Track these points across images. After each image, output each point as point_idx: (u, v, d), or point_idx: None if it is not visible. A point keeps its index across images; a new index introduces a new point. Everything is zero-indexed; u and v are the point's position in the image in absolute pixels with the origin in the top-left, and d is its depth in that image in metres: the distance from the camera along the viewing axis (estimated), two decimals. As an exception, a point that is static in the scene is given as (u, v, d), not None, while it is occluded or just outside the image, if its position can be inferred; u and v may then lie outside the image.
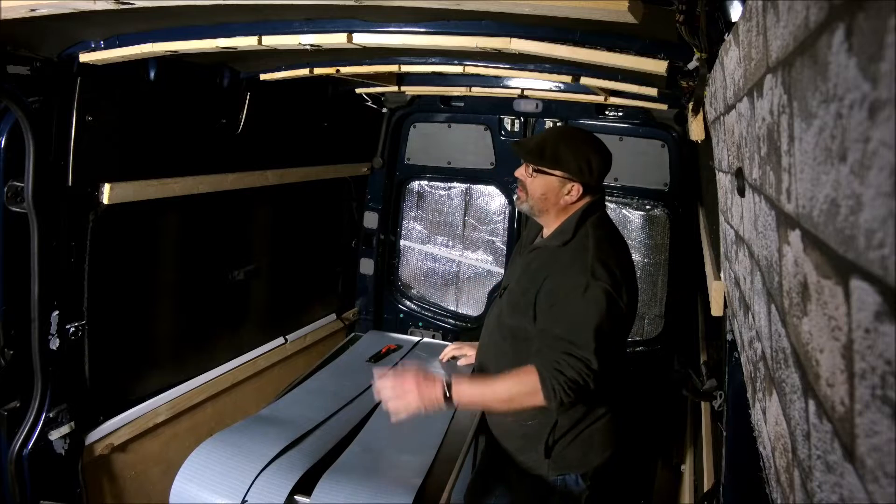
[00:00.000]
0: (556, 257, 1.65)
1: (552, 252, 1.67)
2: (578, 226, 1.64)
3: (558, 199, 1.67)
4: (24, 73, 1.57)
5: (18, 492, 1.73)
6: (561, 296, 1.56)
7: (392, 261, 3.45)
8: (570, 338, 1.52)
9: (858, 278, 0.33)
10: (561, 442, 1.70)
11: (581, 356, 1.50)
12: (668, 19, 1.08)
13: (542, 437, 1.69)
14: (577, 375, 1.49)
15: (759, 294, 0.76)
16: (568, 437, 1.70)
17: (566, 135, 1.72)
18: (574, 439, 1.70)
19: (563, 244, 1.64)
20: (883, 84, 0.29)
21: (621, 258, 1.67)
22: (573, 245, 1.63)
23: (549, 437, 1.68)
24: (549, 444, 1.69)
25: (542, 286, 1.61)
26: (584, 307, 1.53)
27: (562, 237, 1.66)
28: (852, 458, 0.36)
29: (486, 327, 1.90)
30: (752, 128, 0.73)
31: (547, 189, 1.66)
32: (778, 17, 0.53)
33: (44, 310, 1.73)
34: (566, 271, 1.59)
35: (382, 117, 3.23)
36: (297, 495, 1.56)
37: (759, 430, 0.82)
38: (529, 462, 1.75)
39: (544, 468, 1.72)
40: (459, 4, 1.15)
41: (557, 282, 1.58)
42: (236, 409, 2.46)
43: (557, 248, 1.65)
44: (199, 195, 2.16)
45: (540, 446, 1.69)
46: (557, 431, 1.69)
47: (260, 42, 1.55)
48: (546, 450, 1.69)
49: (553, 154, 1.64)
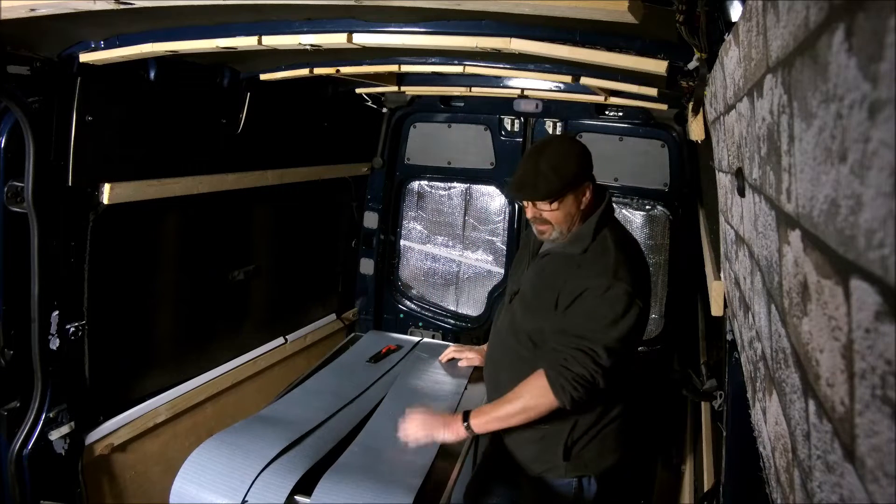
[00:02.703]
0: (576, 261, 1.65)
1: (570, 257, 1.66)
2: (597, 230, 1.65)
3: (578, 209, 1.67)
4: (24, 73, 1.57)
5: (18, 492, 1.73)
6: (580, 296, 1.57)
7: (392, 261, 3.45)
8: (584, 333, 1.53)
9: (858, 278, 0.33)
10: (579, 442, 1.69)
11: (588, 349, 1.50)
12: (668, 19, 1.08)
13: (560, 439, 1.68)
14: (584, 370, 1.50)
15: (759, 294, 0.76)
16: (586, 437, 1.69)
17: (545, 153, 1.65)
18: (592, 440, 1.70)
19: (583, 250, 1.64)
20: (883, 84, 0.29)
21: (640, 261, 1.69)
22: (593, 249, 1.64)
23: (569, 438, 1.68)
24: (569, 445, 1.68)
25: (563, 289, 1.61)
26: (601, 305, 1.54)
27: (580, 242, 1.66)
28: (852, 458, 0.36)
29: (496, 335, 1.88)
30: (752, 128, 0.73)
31: (568, 209, 1.65)
32: (778, 17, 0.53)
33: (44, 310, 1.73)
34: (587, 273, 1.59)
35: (382, 117, 3.23)
36: (297, 495, 1.56)
37: (759, 430, 0.82)
38: (544, 467, 1.73)
39: (561, 471, 1.71)
40: (459, 4, 1.15)
41: (578, 283, 1.59)
42: (236, 409, 2.45)
43: (579, 254, 1.65)
44: (200, 195, 2.16)
45: (559, 448, 1.68)
46: (576, 432, 1.68)
47: (260, 42, 1.55)
48: (565, 451, 1.68)
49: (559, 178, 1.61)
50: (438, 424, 1.67)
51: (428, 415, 1.72)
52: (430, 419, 1.69)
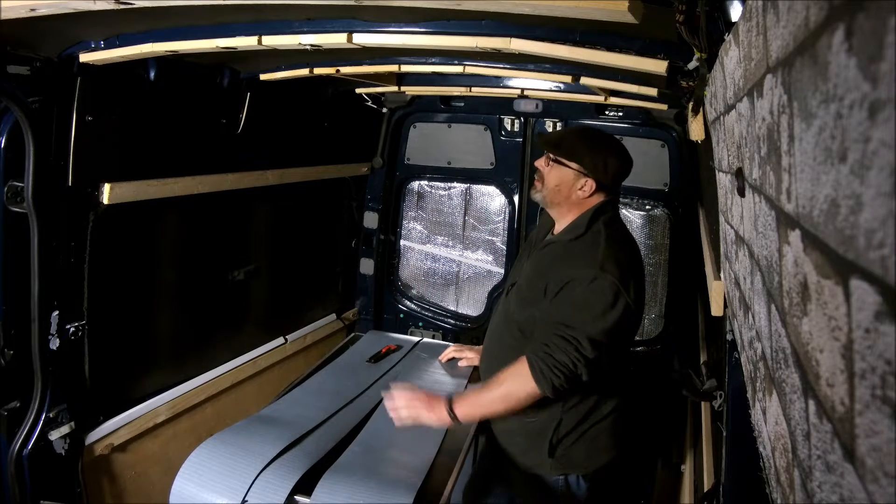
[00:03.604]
0: (567, 250, 1.66)
1: (564, 245, 1.68)
2: (591, 222, 1.66)
3: (571, 192, 1.70)
4: (24, 73, 1.57)
5: (18, 492, 1.73)
6: (567, 285, 1.57)
7: (392, 261, 3.45)
8: (567, 321, 1.52)
9: (858, 278, 0.33)
10: (565, 441, 1.69)
11: (571, 337, 1.50)
12: (668, 19, 1.08)
13: (545, 436, 1.68)
14: (566, 358, 1.49)
15: (759, 294, 0.76)
16: (572, 436, 1.69)
17: (587, 133, 1.78)
18: (578, 439, 1.70)
19: (576, 238, 1.66)
20: (883, 84, 0.29)
21: (632, 256, 1.68)
22: (585, 239, 1.65)
23: (553, 436, 1.68)
24: (553, 443, 1.69)
25: (551, 277, 1.62)
26: (586, 296, 1.54)
27: (574, 232, 1.67)
28: (852, 458, 0.36)
29: (492, 327, 1.89)
30: (752, 128, 0.73)
31: (561, 181, 1.70)
32: (778, 17, 0.53)
33: (44, 310, 1.73)
34: (575, 263, 1.60)
35: (382, 117, 3.23)
36: (297, 495, 1.56)
37: (759, 430, 0.82)
38: (531, 462, 1.74)
39: (546, 467, 1.71)
40: (459, 4, 1.15)
41: (566, 272, 1.59)
42: (236, 409, 2.45)
43: (569, 242, 1.67)
44: (199, 195, 2.16)
45: (543, 445, 1.69)
46: (562, 430, 1.68)
47: (260, 42, 1.55)
48: (550, 449, 1.69)
49: (570, 147, 1.69)
50: (423, 406, 1.64)
51: (413, 394, 1.68)
52: (415, 400, 1.66)
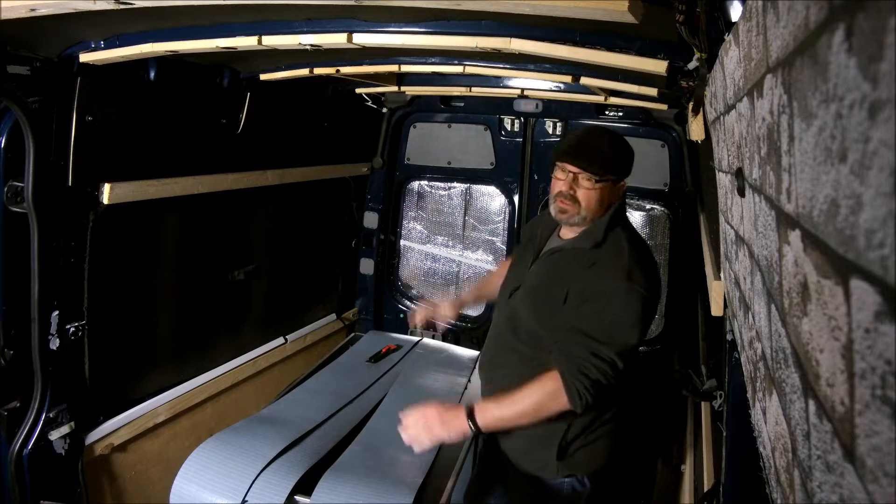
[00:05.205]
0: (588, 259, 1.61)
1: (582, 253, 1.63)
2: (609, 228, 1.62)
3: (610, 202, 1.64)
4: (24, 73, 1.57)
5: (18, 492, 1.73)
6: (595, 296, 1.54)
7: (392, 261, 3.45)
8: (601, 338, 1.50)
9: (858, 278, 0.33)
10: (575, 443, 1.67)
11: (608, 357, 1.48)
12: (668, 19, 1.08)
13: (555, 439, 1.66)
14: (601, 376, 1.48)
15: (759, 294, 0.76)
16: (581, 438, 1.68)
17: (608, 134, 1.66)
18: (587, 440, 1.68)
19: (595, 246, 1.61)
20: (883, 84, 0.29)
21: (652, 262, 1.67)
22: (607, 247, 1.61)
23: (563, 439, 1.65)
24: (563, 445, 1.66)
25: (573, 285, 1.58)
26: (619, 309, 1.52)
27: (592, 239, 1.62)
28: (852, 458, 0.36)
29: (494, 330, 1.84)
30: (752, 128, 0.73)
31: (604, 196, 1.61)
32: (778, 17, 0.53)
33: (44, 310, 1.73)
34: (601, 272, 1.57)
35: (382, 117, 3.23)
36: (297, 495, 1.56)
37: (759, 430, 0.82)
38: (535, 464, 1.71)
39: (552, 469, 1.68)
40: (459, 4, 1.15)
41: (592, 282, 1.56)
42: (236, 409, 2.46)
43: (588, 249, 1.62)
44: (199, 195, 2.16)
45: (552, 447, 1.66)
46: (572, 431, 1.66)
47: (260, 42, 1.55)
48: (559, 450, 1.66)
49: (613, 158, 1.60)
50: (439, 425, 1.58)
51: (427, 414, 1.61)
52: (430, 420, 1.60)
